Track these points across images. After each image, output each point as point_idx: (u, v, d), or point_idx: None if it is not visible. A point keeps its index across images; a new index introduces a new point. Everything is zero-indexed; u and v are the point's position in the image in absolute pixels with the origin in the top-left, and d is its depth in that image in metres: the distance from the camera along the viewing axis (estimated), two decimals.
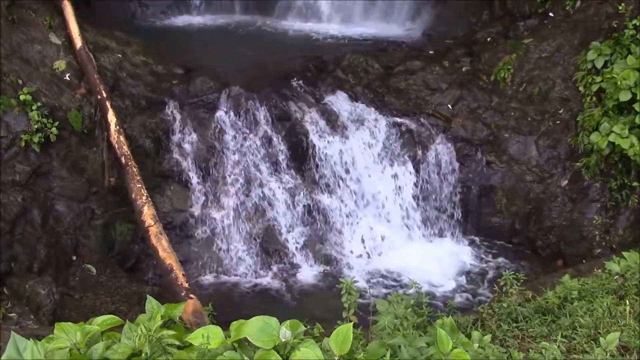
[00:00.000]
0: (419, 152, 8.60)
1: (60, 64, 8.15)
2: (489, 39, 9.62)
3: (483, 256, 8.47)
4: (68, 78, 8.09)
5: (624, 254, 5.09)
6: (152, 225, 6.55)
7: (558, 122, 8.37)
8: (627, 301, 4.41)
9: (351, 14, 12.22)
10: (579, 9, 8.84)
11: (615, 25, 8.16)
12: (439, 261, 8.30)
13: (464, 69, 9.15)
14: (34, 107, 7.57)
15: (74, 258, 7.62)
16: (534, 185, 8.42)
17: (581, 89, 8.20)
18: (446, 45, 9.92)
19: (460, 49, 9.64)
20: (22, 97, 7.60)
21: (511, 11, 9.83)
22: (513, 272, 4.64)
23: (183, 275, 6.11)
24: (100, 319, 3.08)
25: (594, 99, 8.01)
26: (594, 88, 7.97)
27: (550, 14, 9.18)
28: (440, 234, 8.76)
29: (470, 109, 8.76)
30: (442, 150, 8.58)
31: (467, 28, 10.48)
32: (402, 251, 8.41)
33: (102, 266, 7.73)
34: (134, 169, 7.15)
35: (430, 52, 9.81)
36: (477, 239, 8.73)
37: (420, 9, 11.87)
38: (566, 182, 8.28)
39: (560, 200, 8.29)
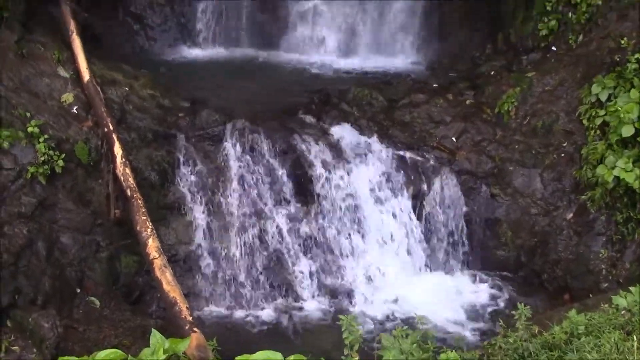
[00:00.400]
0: (424, 185, 8.60)
1: (68, 97, 8.24)
2: (492, 73, 9.70)
3: (489, 290, 8.41)
4: (75, 111, 8.17)
5: (631, 288, 5.05)
6: (156, 258, 6.54)
7: (562, 155, 8.39)
8: (635, 337, 4.36)
9: (356, 47, 12.36)
10: (581, 43, 8.93)
11: (618, 60, 8.23)
12: (444, 294, 8.25)
13: (467, 102, 9.21)
14: (41, 140, 7.64)
15: (78, 290, 7.60)
16: (539, 218, 8.40)
17: (585, 122, 8.23)
18: (450, 79, 10.01)
19: (464, 82, 9.72)
20: (29, 130, 7.67)
21: (514, 45, 9.93)
22: (525, 306, 4.60)
23: (187, 308, 6.08)
24: (103, 353, 3.06)
25: (598, 132, 8.04)
26: (598, 121, 8.00)
27: (553, 48, 9.27)
28: (446, 267, 8.72)
29: (474, 142, 8.79)
30: (446, 183, 8.59)
31: (471, 62, 10.57)
32: (407, 284, 8.35)
33: (106, 299, 7.70)
34: (139, 202, 7.17)
35: (434, 85, 9.89)
36: (482, 272, 8.68)
37: (424, 43, 12.01)
38: (571, 215, 8.26)
39: (566, 234, 8.26)
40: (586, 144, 8.16)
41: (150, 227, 6.89)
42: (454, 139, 8.84)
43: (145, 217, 7.00)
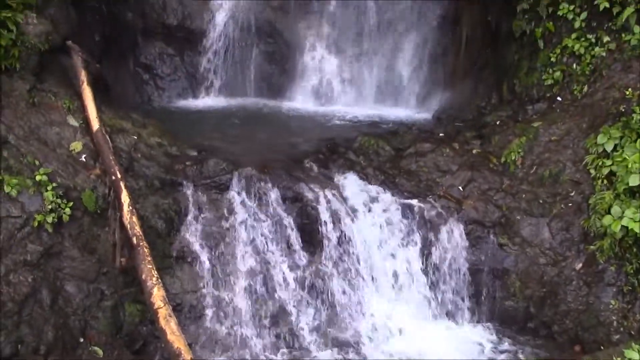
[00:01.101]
0: (431, 234, 8.55)
1: (76, 145, 8.32)
2: (498, 122, 9.76)
3: (497, 341, 8.27)
4: (84, 159, 8.24)
5: None
6: (161, 307, 6.48)
7: (570, 204, 8.35)
8: None
9: (362, 97, 12.54)
10: (586, 93, 9.00)
11: (623, 110, 8.28)
12: (451, 346, 8.11)
13: (474, 152, 9.23)
14: (49, 188, 7.69)
15: (81, 340, 7.51)
16: (548, 268, 8.32)
17: (592, 171, 8.23)
18: (456, 128, 10.07)
19: (470, 132, 9.77)
20: (38, 178, 7.73)
21: (519, 95, 10.01)
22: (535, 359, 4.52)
23: (191, 359, 5.99)
24: None
25: (605, 182, 8.02)
26: (605, 171, 8.00)
27: (559, 98, 9.34)
28: (453, 318, 8.59)
29: (481, 191, 8.78)
30: (453, 232, 8.54)
31: (477, 111, 10.65)
32: (413, 335, 8.23)
33: (110, 348, 7.61)
34: (145, 250, 7.14)
35: (441, 134, 9.95)
36: (491, 323, 8.55)
37: (430, 93, 12.18)
38: (580, 265, 8.18)
39: (576, 284, 8.15)
40: (593, 193, 8.13)
41: (155, 275, 6.85)
42: (460, 188, 8.83)
43: (150, 266, 6.96)
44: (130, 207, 7.58)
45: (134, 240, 7.32)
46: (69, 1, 9.74)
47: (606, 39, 8.94)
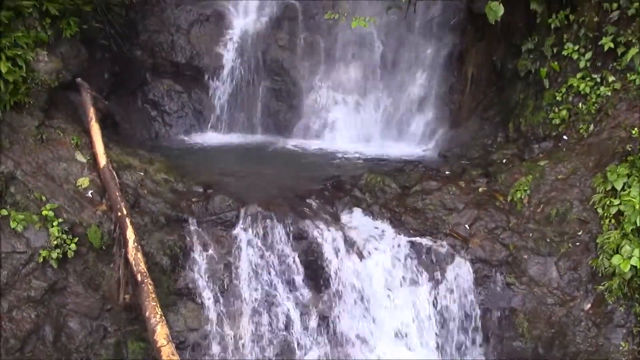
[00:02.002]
0: (437, 273, 8.48)
1: (83, 181, 8.34)
2: (504, 161, 9.75)
3: None
4: (90, 195, 8.26)
5: None
6: (164, 345, 6.40)
7: (577, 243, 8.28)
8: None
9: (368, 134, 12.59)
10: (592, 132, 9.00)
11: (630, 149, 8.28)
12: None
13: (480, 190, 9.21)
14: (54, 224, 7.70)
15: None
16: (556, 309, 8.21)
17: (599, 210, 8.18)
18: (462, 166, 10.06)
19: (476, 170, 9.76)
20: (44, 213, 7.76)
21: (525, 134, 10.01)
22: None
23: None
24: None
25: (613, 221, 7.97)
26: (612, 210, 7.95)
27: (565, 137, 9.34)
28: (460, 358, 8.45)
29: (488, 230, 8.72)
30: (460, 271, 8.47)
31: (483, 149, 10.66)
32: None
33: None
34: (150, 287, 7.10)
35: (447, 172, 9.94)
36: None
37: (435, 130, 12.21)
38: (589, 305, 8.07)
39: (584, 325, 8.04)
40: (601, 232, 8.08)
41: (159, 313, 6.79)
42: (467, 226, 8.78)
43: (154, 303, 6.91)
44: (136, 244, 7.56)
45: (139, 277, 7.29)
46: (79, 39, 9.89)
47: (611, 78, 8.98)
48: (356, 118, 12.66)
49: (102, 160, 8.46)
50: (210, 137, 12.56)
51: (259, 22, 12.89)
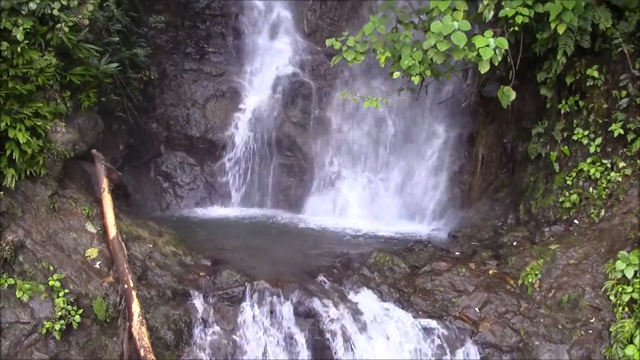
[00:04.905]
0: (446, 357, 8.27)
1: (92, 252, 8.34)
2: (515, 243, 9.68)
3: None
4: (98, 266, 8.24)
5: None
6: None
7: (590, 331, 8.10)
8: None
9: (378, 212, 12.60)
10: (603, 217, 8.96)
11: None
12: None
13: (490, 272, 9.10)
14: (60, 294, 7.66)
15: None
16: None
17: (612, 298, 8.04)
18: (472, 247, 10.00)
19: (487, 252, 9.68)
20: (50, 283, 7.73)
21: (536, 216, 9.98)
22: None
23: None
24: None
25: (626, 309, 7.82)
26: (625, 298, 7.82)
27: (576, 221, 9.30)
28: None
29: (498, 314, 8.56)
30: (469, 356, 8.26)
31: (493, 231, 10.61)
32: None
33: None
34: None
35: (457, 253, 9.87)
36: None
37: (445, 210, 12.21)
38: None
39: None
40: (614, 320, 7.91)
41: None
42: (477, 309, 8.63)
43: None
44: (141, 317, 7.47)
45: (142, 352, 7.17)
46: (97, 111, 10.11)
47: (622, 164, 9.02)
48: (366, 195, 12.71)
49: (112, 231, 8.47)
50: (221, 210, 12.62)
51: (273, 99, 13.16)
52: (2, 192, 8.11)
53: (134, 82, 11.70)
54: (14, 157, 8.19)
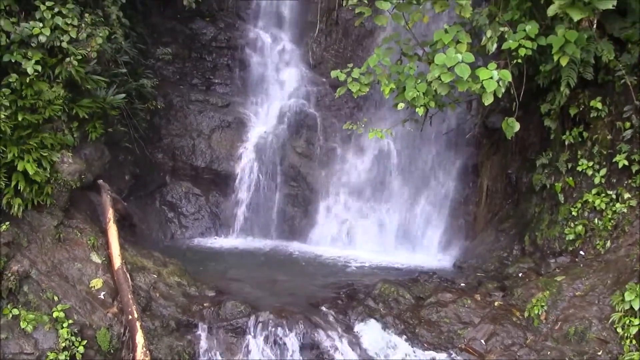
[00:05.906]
0: None
1: (97, 282, 8.34)
2: (520, 274, 9.63)
3: None
4: (102, 296, 8.23)
5: None
6: None
7: None
8: None
9: (383, 242, 12.57)
10: (609, 249, 8.93)
11: None
12: None
13: (496, 304, 9.04)
14: (65, 325, 7.64)
15: None
16: None
17: (619, 330, 7.96)
18: (478, 278, 9.95)
19: (492, 283, 9.62)
20: (55, 314, 7.71)
21: (541, 247, 9.95)
22: None
23: None
24: None
25: (634, 341, 7.74)
26: (633, 330, 7.74)
27: (582, 252, 9.26)
28: None
29: (504, 346, 8.47)
30: None
31: (498, 262, 10.56)
32: None
33: None
34: None
35: (462, 284, 9.82)
36: None
37: (451, 241, 12.18)
38: None
39: None
40: (622, 353, 7.82)
41: None
42: (482, 341, 8.55)
43: None
44: (144, 349, 7.45)
45: None
46: (104, 141, 10.19)
47: (627, 195, 9.01)
48: (371, 226, 12.69)
49: (117, 261, 8.48)
50: (225, 241, 12.61)
51: (278, 129, 13.25)
52: (8, 223, 8.14)
53: (141, 112, 11.80)
54: (19, 188, 8.24)
